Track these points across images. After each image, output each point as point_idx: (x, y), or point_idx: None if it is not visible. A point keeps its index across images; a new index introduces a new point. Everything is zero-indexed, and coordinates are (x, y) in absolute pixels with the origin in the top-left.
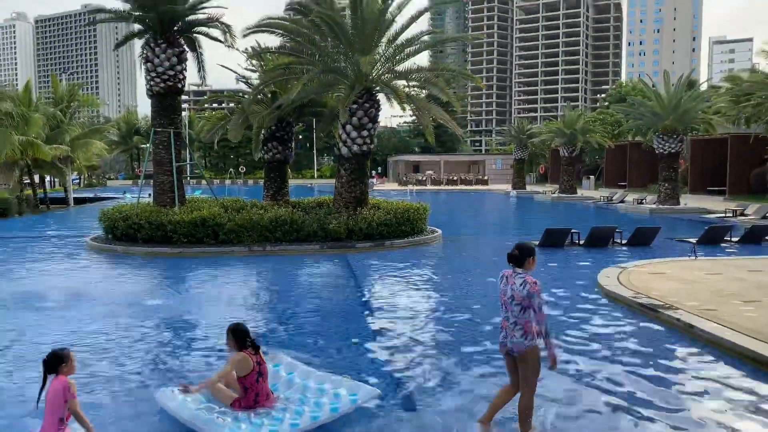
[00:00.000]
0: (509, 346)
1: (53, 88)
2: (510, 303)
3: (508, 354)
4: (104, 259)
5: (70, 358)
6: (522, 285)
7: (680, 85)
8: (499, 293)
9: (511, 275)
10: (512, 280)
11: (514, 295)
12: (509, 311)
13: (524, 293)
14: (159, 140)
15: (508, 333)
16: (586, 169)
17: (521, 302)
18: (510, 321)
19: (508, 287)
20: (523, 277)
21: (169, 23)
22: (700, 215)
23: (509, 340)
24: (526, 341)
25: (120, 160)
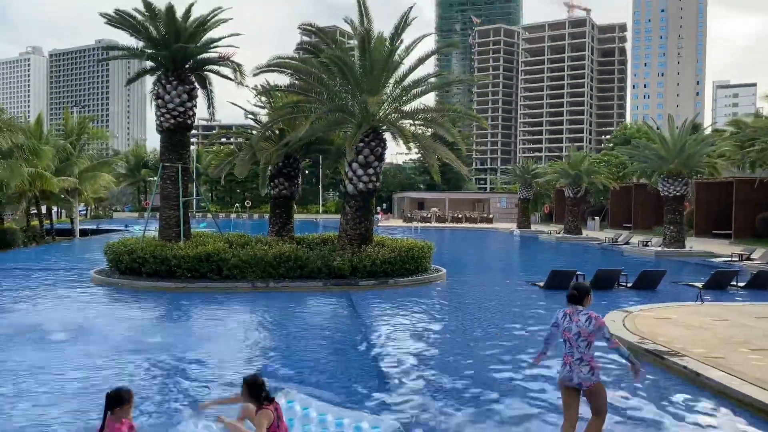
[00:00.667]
0: (576, 381)
1: (64, 121)
2: (576, 339)
3: (569, 388)
4: (108, 293)
5: (131, 400)
6: (587, 321)
7: (685, 129)
8: (562, 330)
9: (573, 313)
10: (576, 318)
11: (580, 331)
12: (574, 347)
13: (591, 329)
14: (167, 175)
15: (574, 368)
16: (591, 209)
17: (587, 338)
18: (575, 357)
19: (572, 324)
20: (587, 314)
21: (181, 61)
22: (705, 259)
23: (575, 375)
24: (593, 377)
25: (127, 193)
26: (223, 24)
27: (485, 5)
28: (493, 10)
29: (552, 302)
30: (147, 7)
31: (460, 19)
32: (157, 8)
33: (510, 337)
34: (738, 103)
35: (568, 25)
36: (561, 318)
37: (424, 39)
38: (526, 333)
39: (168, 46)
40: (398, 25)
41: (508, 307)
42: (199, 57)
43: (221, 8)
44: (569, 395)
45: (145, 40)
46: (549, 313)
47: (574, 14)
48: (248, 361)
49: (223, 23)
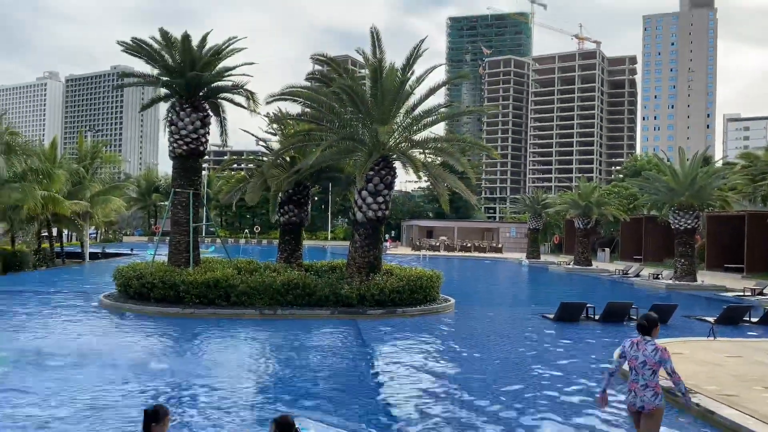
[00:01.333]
0: (639, 404)
1: (78, 145)
2: (642, 367)
3: (635, 412)
4: (116, 317)
5: (165, 419)
6: (654, 352)
7: (695, 162)
8: (629, 358)
9: (641, 342)
10: (643, 347)
11: (646, 360)
12: (639, 374)
13: (656, 359)
14: (178, 201)
15: (638, 393)
16: (601, 241)
17: (652, 367)
18: (640, 383)
19: (639, 353)
20: (654, 344)
21: (195, 89)
22: (717, 293)
23: (639, 399)
24: (656, 400)
25: (137, 217)
26: (237, 53)
27: (495, 36)
28: (503, 41)
29: (562, 334)
30: (164, 36)
31: (471, 49)
32: (173, 37)
33: (520, 372)
34: (749, 137)
35: (578, 56)
36: (628, 347)
37: (434, 69)
38: (536, 368)
39: (183, 74)
40: (410, 56)
41: (519, 340)
42: (213, 85)
43: (236, 38)
44: (635, 418)
45: (161, 67)
46: (558, 346)
47: (584, 46)
48: (255, 389)
49: (237, 52)
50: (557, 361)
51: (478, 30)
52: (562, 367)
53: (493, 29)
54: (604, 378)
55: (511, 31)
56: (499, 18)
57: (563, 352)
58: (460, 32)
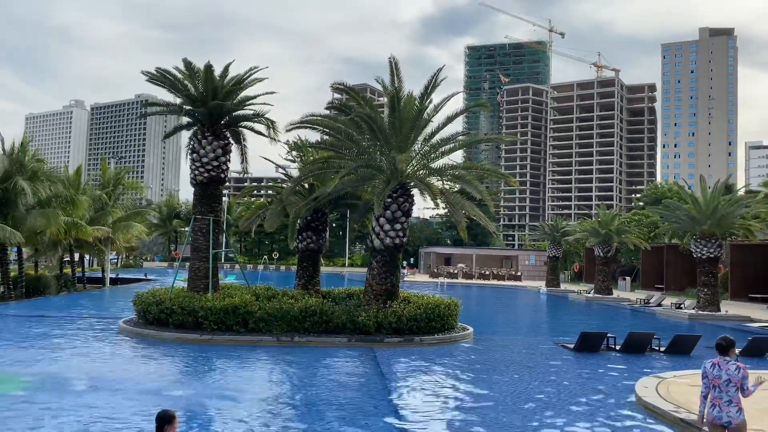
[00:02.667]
0: (726, 419)
1: (102, 172)
2: (726, 385)
3: (717, 426)
4: (135, 343)
5: (175, 422)
6: (736, 370)
7: (717, 190)
8: (711, 378)
9: (722, 362)
10: (725, 366)
11: (730, 378)
12: (724, 392)
13: (739, 376)
14: (198, 227)
15: (723, 409)
16: (622, 269)
17: (736, 384)
18: (724, 400)
19: (722, 372)
20: (735, 363)
21: (217, 117)
22: (742, 323)
23: (725, 415)
24: (741, 415)
25: (158, 242)
26: (258, 82)
27: (513, 65)
28: (521, 70)
29: (582, 365)
30: (187, 66)
31: (489, 77)
32: (196, 67)
33: (541, 403)
34: None
35: (596, 84)
36: (709, 368)
37: (452, 98)
38: (557, 401)
39: (205, 103)
40: (428, 85)
41: (538, 371)
42: (235, 113)
43: (257, 67)
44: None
45: (184, 96)
46: (578, 376)
47: (602, 74)
48: (270, 418)
49: (258, 82)
50: (576, 395)
51: (496, 58)
52: (581, 394)
53: (511, 58)
54: (700, 401)
55: (529, 59)
56: (517, 47)
57: (583, 383)
58: (479, 61)
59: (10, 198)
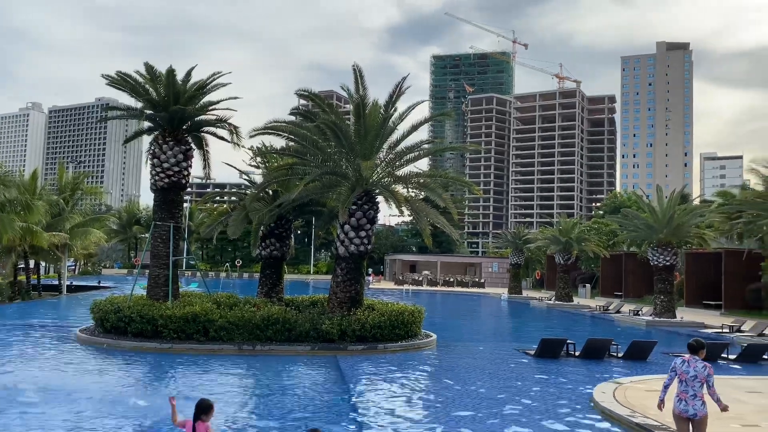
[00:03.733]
0: (692, 412)
1: (59, 177)
2: (693, 380)
3: (683, 419)
4: (91, 352)
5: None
6: (703, 368)
7: (673, 200)
8: (680, 372)
9: (691, 360)
10: (693, 364)
11: (697, 374)
12: (690, 386)
13: (705, 374)
14: (158, 234)
15: (689, 403)
16: (582, 276)
17: (702, 380)
18: (690, 394)
19: (690, 368)
20: (703, 363)
21: (178, 122)
22: (696, 329)
23: (691, 408)
24: (705, 408)
25: (117, 249)
26: (221, 88)
27: (478, 75)
28: (486, 80)
29: (542, 371)
30: (148, 70)
31: (454, 87)
32: (158, 71)
33: (501, 408)
34: (725, 175)
35: (558, 95)
36: (679, 363)
37: (417, 106)
38: (517, 407)
39: (167, 108)
40: (393, 93)
41: (499, 377)
42: (197, 119)
43: (220, 72)
44: (683, 424)
45: (145, 101)
46: (538, 382)
47: (564, 85)
48: (229, 427)
49: (221, 87)
50: (535, 400)
51: (461, 68)
52: (540, 401)
53: (476, 68)
54: (662, 389)
55: (494, 69)
56: (481, 57)
57: (542, 389)
58: (444, 70)
59: None
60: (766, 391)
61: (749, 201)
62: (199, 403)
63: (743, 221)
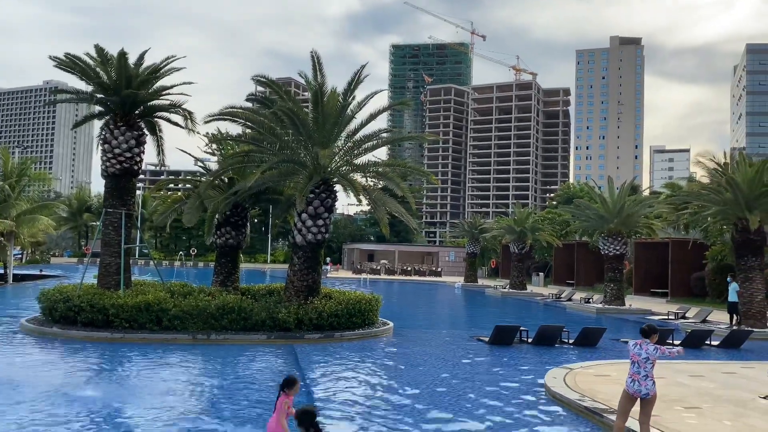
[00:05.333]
0: (644, 392)
1: (3, 162)
2: (645, 362)
3: (631, 397)
4: (38, 342)
5: (295, 386)
6: (655, 350)
7: (624, 191)
8: (632, 354)
9: (643, 343)
10: (645, 347)
11: (648, 356)
12: (642, 367)
13: (656, 355)
14: (109, 221)
15: (641, 383)
16: (536, 265)
17: (653, 361)
18: (641, 375)
19: (642, 351)
20: (654, 345)
21: (130, 107)
22: (644, 316)
23: (643, 388)
24: (654, 387)
25: (67, 237)
26: (175, 72)
27: (437, 65)
28: (444, 70)
29: (496, 357)
30: (99, 52)
31: (413, 77)
32: (109, 54)
33: (454, 393)
34: (673, 167)
35: (515, 87)
36: (632, 346)
37: (377, 95)
38: (470, 391)
39: (118, 92)
40: (351, 81)
41: (454, 363)
42: (150, 103)
43: (174, 57)
44: (630, 402)
45: (95, 84)
46: (491, 369)
47: (521, 77)
48: (178, 416)
49: (175, 71)
50: (489, 385)
51: (420, 58)
52: (492, 385)
53: (434, 58)
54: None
55: (452, 60)
56: (440, 47)
57: (496, 374)
58: (403, 60)
59: None
60: (707, 375)
61: (695, 193)
62: (284, 378)
63: (689, 212)
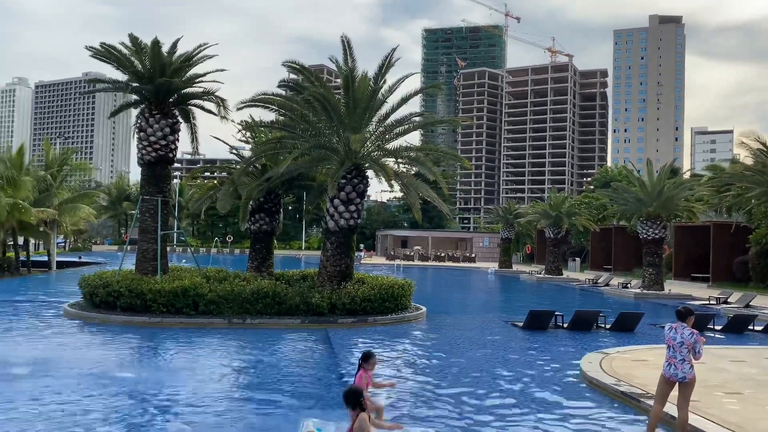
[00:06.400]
0: (681, 375)
1: (45, 152)
2: (680, 346)
3: (669, 382)
4: (80, 327)
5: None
6: (690, 335)
7: (663, 173)
8: (668, 339)
9: (678, 327)
10: (681, 330)
11: (683, 341)
12: (677, 351)
13: (692, 340)
14: (146, 208)
15: (678, 367)
16: (572, 250)
17: (689, 346)
18: (678, 359)
19: (677, 335)
20: (690, 329)
21: (164, 95)
22: (684, 301)
23: (680, 371)
24: (693, 371)
25: (108, 225)
26: (208, 60)
27: (470, 48)
28: (478, 54)
29: (530, 342)
30: (133, 42)
31: (446, 61)
32: (143, 43)
33: (488, 378)
34: (716, 149)
35: (550, 69)
36: (667, 330)
37: (408, 79)
38: (504, 375)
39: (152, 80)
40: (382, 65)
41: (487, 348)
42: (183, 91)
43: (207, 44)
44: (667, 387)
45: (130, 73)
46: (526, 353)
47: (556, 59)
48: (219, 398)
49: (208, 59)
50: (523, 369)
51: (453, 42)
52: (519, 375)
53: (467, 41)
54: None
55: (486, 43)
56: (473, 30)
57: (529, 359)
58: (436, 44)
59: None
60: (749, 361)
61: (738, 174)
62: (362, 353)
63: (732, 194)
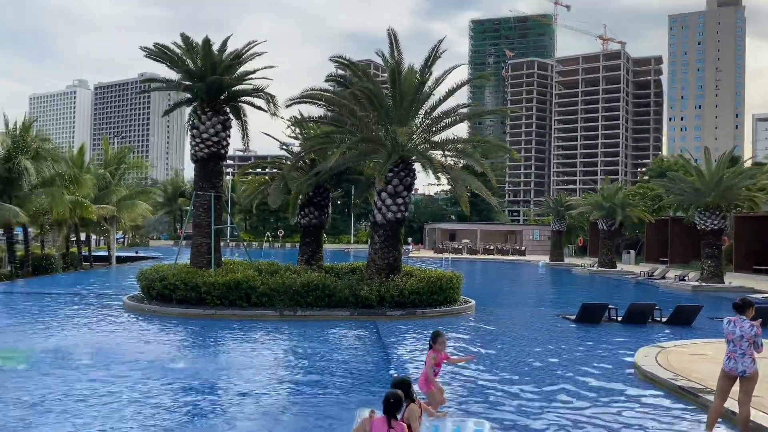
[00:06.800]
0: (741, 369)
1: (104, 151)
2: (740, 340)
3: (729, 377)
4: (138, 318)
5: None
6: (750, 328)
7: (722, 162)
8: (727, 333)
9: (737, 320)
10: (740, 324)
11: (743, 334)
12: (737, 345)
13: (752, 333)
14: (199, 203)
15: (738, 361)
16: (626, 243)
17: (749, 340)
18: (738, 353)
19: (736, 329)
20: (750, 322)
21: (215, 93)
22: (744, 294)
23: (740, 365)
24: (754, 365)
25: (164, 221)
26: (257, 57)
27: (518, 39)
28: (526, 44)
29: (583, 336)
30: (185, 41)
31: (493, 52)
32: (194, 42)
33: (541, 372)
34: None
35: (602, 57)
36: (726, 324)
37: (455, 70)
38: (557, 369)
39: (204, 78)
40: (428, 57)
41: (538, 341)
42: (234, 89)
43: (256, 41)
44: (728, 382)
45: (183, 72)
46: (579, 347)
47: (608, 47)
48: (275, 388)
49: (257, 56)
50: (576, 363)
51: (500, 32)
52: (583, 363)
53: (515, 31)
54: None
55: (534, 33)
56: (521, 20)
57: (582, 353)
58: (483, 35)
59: (14, 178)
60: None
61: None
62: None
63: None
